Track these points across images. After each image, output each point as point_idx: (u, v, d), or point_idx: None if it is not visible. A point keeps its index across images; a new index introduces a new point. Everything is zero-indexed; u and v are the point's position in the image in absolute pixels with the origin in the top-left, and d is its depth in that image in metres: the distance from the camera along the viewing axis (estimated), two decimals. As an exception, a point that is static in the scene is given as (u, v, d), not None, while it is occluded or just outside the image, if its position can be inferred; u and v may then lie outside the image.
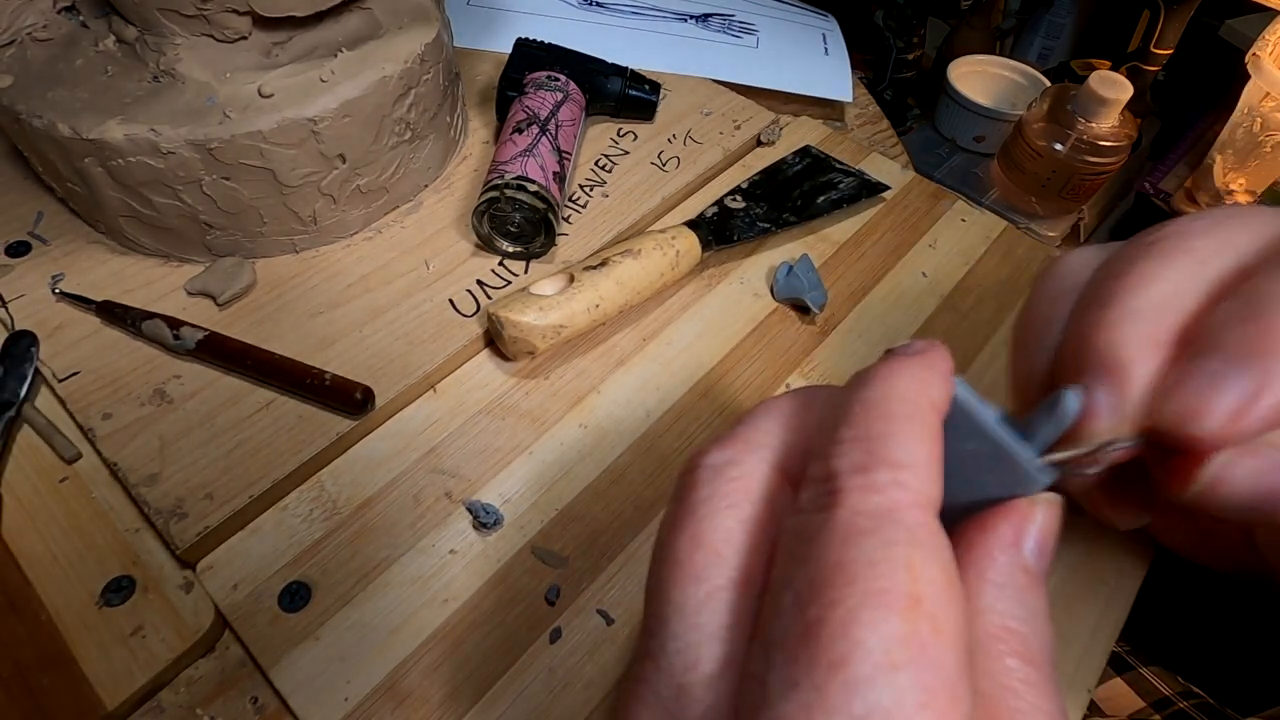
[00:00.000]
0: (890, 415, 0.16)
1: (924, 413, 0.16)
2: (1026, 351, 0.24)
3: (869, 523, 0.14)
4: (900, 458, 0.15)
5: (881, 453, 0.15)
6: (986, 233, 0.45)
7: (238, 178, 0.35)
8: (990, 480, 0.17)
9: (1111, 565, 0.32)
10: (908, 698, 0.13)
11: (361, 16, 0.39)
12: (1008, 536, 0.16)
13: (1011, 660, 0.15)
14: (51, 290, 0.37)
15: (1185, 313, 0.19)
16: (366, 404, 0.33)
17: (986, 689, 0.15)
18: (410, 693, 0.28)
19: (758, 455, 0.18)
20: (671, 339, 0.39)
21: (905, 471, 0.15)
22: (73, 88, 0.35)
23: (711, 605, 0.16)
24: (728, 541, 0.17)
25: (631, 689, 0.17)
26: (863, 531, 0.14)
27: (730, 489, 0.17)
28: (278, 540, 0.31)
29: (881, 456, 0.15)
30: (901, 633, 0.13)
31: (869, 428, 0.16)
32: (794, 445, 0.18)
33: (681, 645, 0.16)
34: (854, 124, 0.57)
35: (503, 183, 0.38)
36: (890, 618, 0.13)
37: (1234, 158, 0.72)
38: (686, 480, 0.18)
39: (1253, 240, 0.20)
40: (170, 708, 0.28)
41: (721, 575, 0.16)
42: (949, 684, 0.13)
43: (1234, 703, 0.40)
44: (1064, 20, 0.98)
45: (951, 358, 0.17)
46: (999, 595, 0.16)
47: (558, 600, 0.30)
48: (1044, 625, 0.16)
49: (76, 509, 0.31)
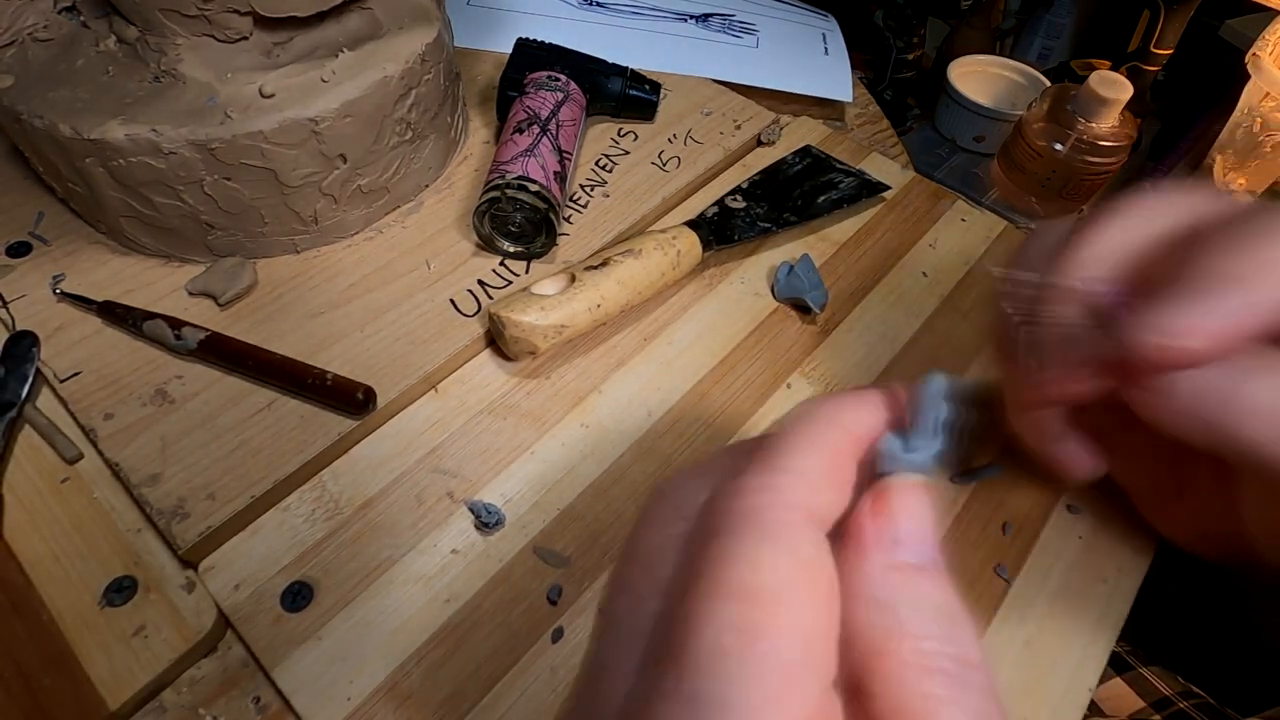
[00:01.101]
0: (789, 429, 0.17)
1: (827, 431, 0.17)
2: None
3: (729, 522, 0.15)
4: (779, 463, 0.16)
5: (763, 461, 0.16)
6: (987, 233, 0.45)
7: (239, 178, 0.35)
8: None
9: (1112, 564, 0.32)
10: (734, 682, 0.13)
11: (362, 17, 0.39)
12: (873, 537, 0.16)
13: (909, 671, 0.14)
14: (52, 290, 0.37)
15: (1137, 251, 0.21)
16: (368, 404, 0.33)
17: (898, 704, 0.14)
18: (412, 692, 0.28)
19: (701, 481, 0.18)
20: (672, 339, 0.39)
21: (780, 476, 0.16)
22: (74, 88, 0.35)
23: (633, 614, 0.16)
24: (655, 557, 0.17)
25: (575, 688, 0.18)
26: (720, 532, 0.15)
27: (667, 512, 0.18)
28: (279, 540, 0.31)
29: (762, 464, 0.16)
30: (734, 620, 0.13)
31: (772, 443, 0.17)
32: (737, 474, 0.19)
33: (605, 655, 0.17)
34: (854, 124, 0.57)
35: (504, 183, 0.38)
36: (725, 607, 0.14)
37: (1234, 158, 0.72)
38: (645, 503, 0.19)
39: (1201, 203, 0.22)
40: (172, 708, 0.28)
41: (646, 588, 0.17)
42: (784, 669, 0.13)
43: (1234, 703, 0.40)
44: (1064, 20, 0.98)
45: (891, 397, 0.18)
46: (875, 605, 0.15)
47: (559, 600, 0.30)
48: (942, 615, 0.15)
49: (78, 509, 0.31)
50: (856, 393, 0.18)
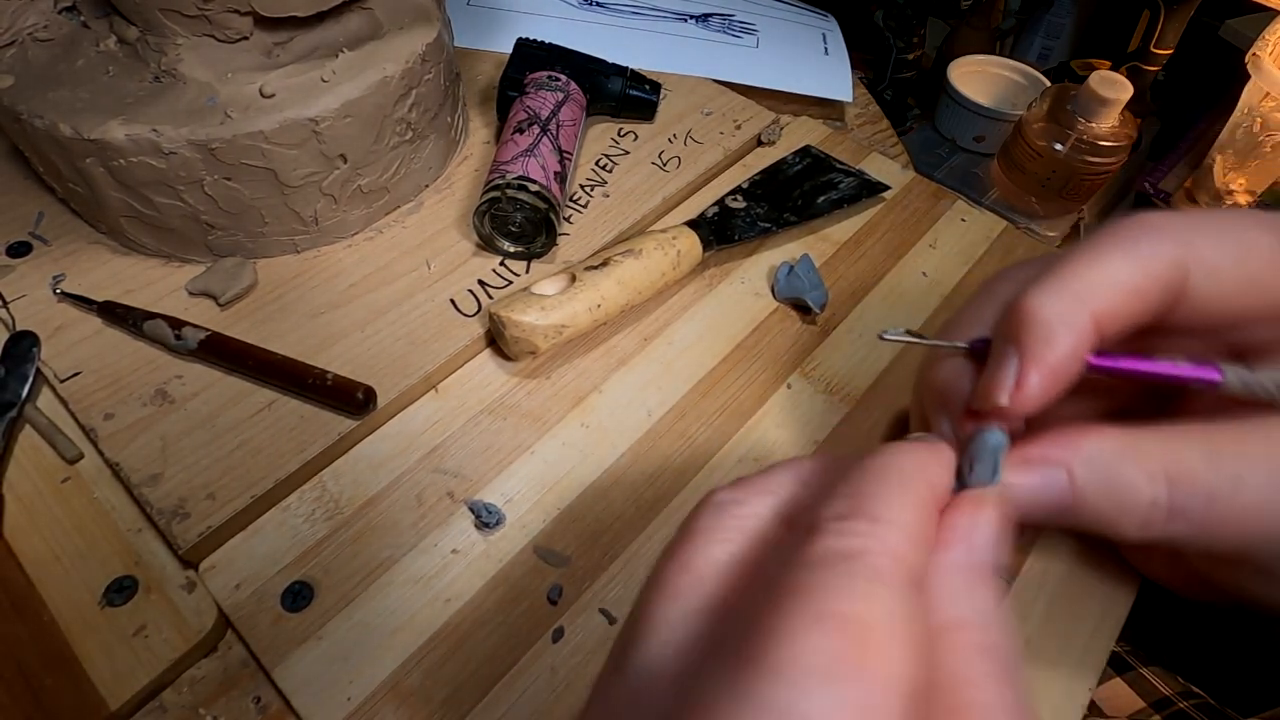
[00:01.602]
0: (882, 480, 0.17)
1: (916, 485, 0.17)
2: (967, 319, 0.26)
3: (836, 558, 0.15)
4: (880, 513, 0.16)
5: (864, 507, 0.16)
6: (987, 232, 0.45)
7: (239, 178, 0.35)
8: None
9: (1111, 564, 0.32)
10: (833, 712, 0.13)
11: (362, 17, 0.39)
12: (957, 533, 0.17)
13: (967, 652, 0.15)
14: (53, 290, 0.37)
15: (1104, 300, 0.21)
16: (368, 404, 0.33)
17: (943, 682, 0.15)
18: (413, 692, 0.28)
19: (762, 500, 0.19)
20: (673, 339, 0.39)
21: (882, 526, 0.16)
22: (74, 88, 0.35)
23: (682, 624, 0.17)
24: (712, 570, 0.17)
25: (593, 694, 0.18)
26: (827, 564, 0.15)
27: (728, 524, 0.18)
28: (280, 540, 0.31)
29: (863, 510, 0.16)
30: (841, 652, 0.14)
31: (861, 486, 0.17)
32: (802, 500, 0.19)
33: (648, 657, 0.17)
34: (854, 124, 0.57)
35: (504, 183, 0.38)
36: (833, 637, 0.14)
37: (1234, 158, 0.72)
38: (693, 513, 0.19)
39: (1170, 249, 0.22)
40: (173, 708, 0.28)
41: (699, 599, 0.17)
42: (880, 714, 0.13)
43: (1234, 703, 0.40)
44: (1064, 20, 0.98)
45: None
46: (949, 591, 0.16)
47: (560, 599, 0.30)
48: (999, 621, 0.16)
49: (78, 509, 0.31)
50: (932, 447, 0.19)
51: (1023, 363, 0.21)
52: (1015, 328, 0.22)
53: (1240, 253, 0.21)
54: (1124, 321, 0.21)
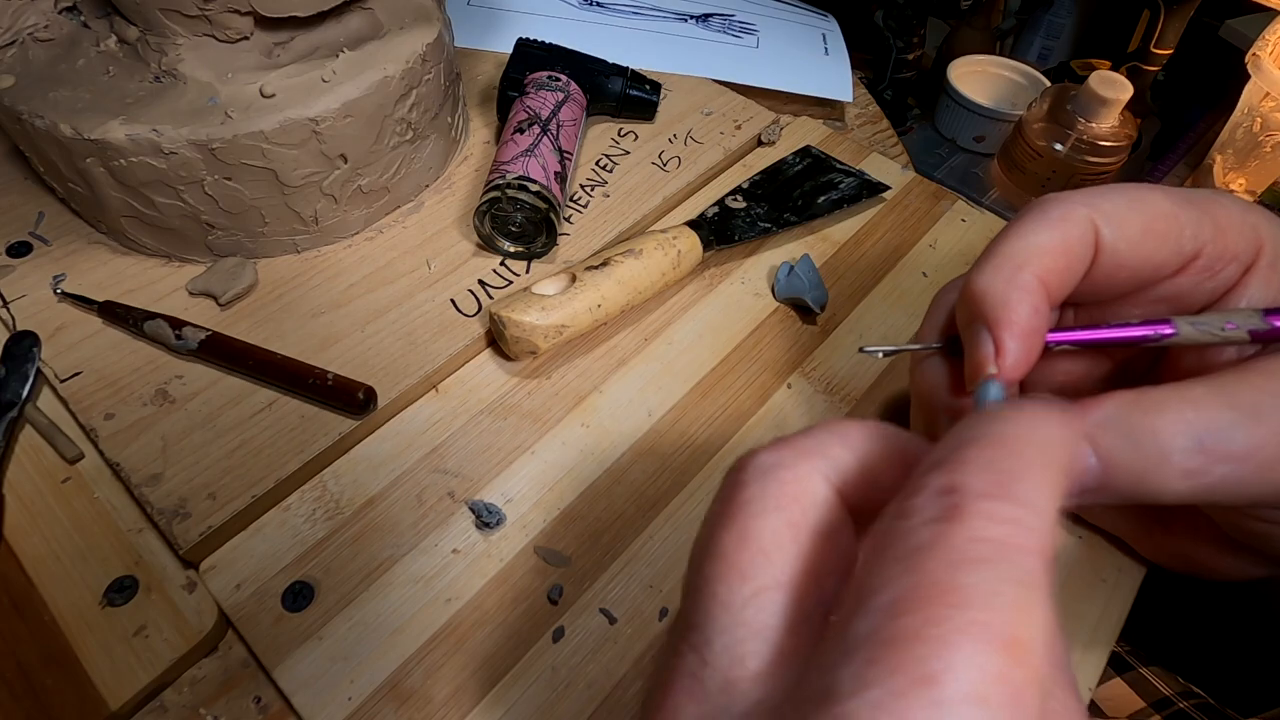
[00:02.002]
0: (1025, 456, 0.15)
1: (1057, 467, 0.16)
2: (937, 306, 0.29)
3: (988, 551, 0.14)
4: (1028, 498, 0.15)
5: (1011, 487, 0.15)
6: (987, 233, 0.45)
7: (239, 178, 0.35)
8: None
9: (1111, 564, 0.32)
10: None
11: (363, 17, 0.39)
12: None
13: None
14: (53, 290, 0.37)
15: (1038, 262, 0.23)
16: (369, 404, 0.33)
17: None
18: (413, 692, 0.28)
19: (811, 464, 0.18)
20: (673, 339, 0.39)
21: (1031, 514, 0.15)
22: (74, 88, 0.35)
23: (758, 603, 0.16)
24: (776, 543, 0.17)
25: (673, 679, 0.17)
26: (980, 559, 0.14)
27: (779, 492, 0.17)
28: (280, 540, 0.31)
29: (1011, 491, 0.15)
30: (1000, 672, 0.13)
31: (1002, 460, 0.15)
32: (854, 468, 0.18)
33: (729, 640, 0.16)
34: (854, 124, 0.57)
35: (504, 183, 0.38)
36: (991, 654, 0.13)
37: (1234, 158, 0.72)
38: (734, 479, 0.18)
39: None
40: (173, 708, 0.28)
41: (769, 576, 0.16)
42: None
43: (1234, 703, 0.40)
44: (1064, 20, 0.98)
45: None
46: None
47: (560, 599, 0.30)
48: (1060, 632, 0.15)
49: (79, 509, 0.31)
50: (1064, 416, 0.17)
51: (995, 332, 0.23)
52: (976, 308, 0.24)
53: (1137, 204, 0.24)
54: (1060, 278, 0.24)
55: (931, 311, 0.29)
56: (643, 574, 0.31)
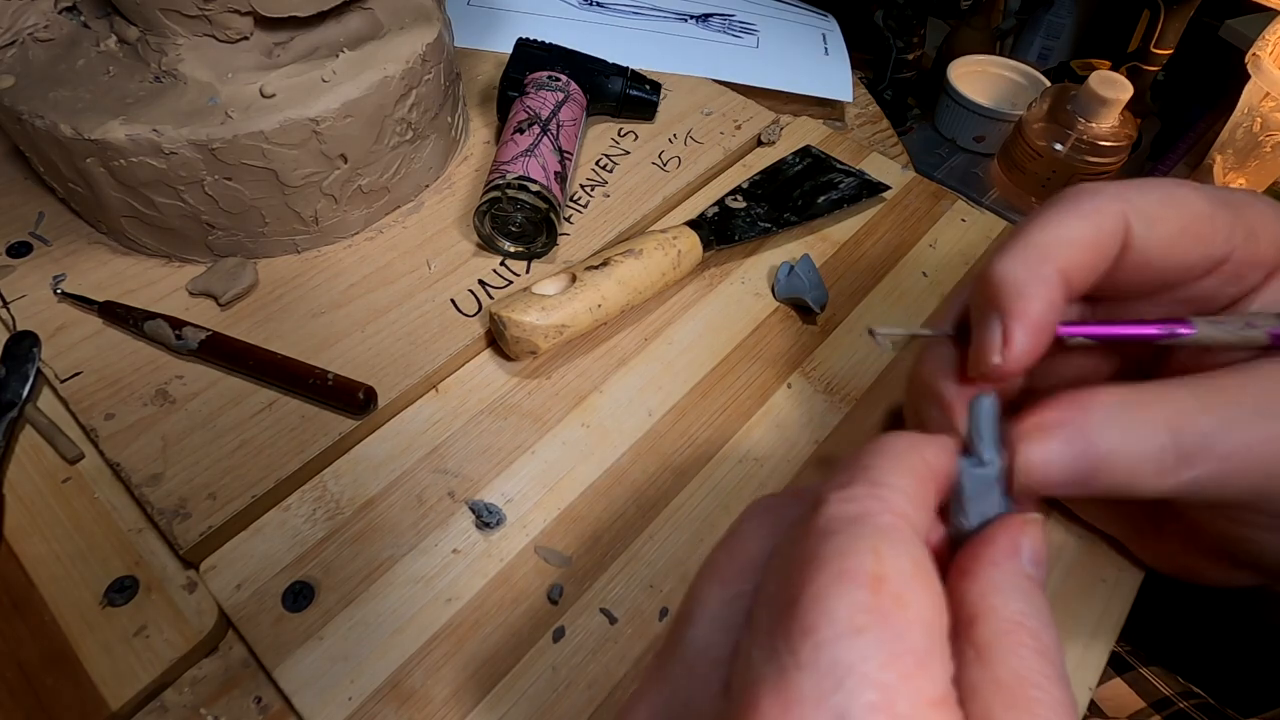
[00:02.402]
0: (879, 452, 0.19)
1: (911, 458, 0.19)
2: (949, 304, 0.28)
3: (841, 523, 0.17)
4: (879, 479, 0.18)
5: (863, 475, 0.18)
6: (987, 233, 0.45)
7: (240, 178, 0.35)
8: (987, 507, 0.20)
9: (1111, 564, 0.32)
10: (871, 656, 0.14)
11: (363, 17, 0.39)
12: (1007, 546, 0.18)
13: (1027, 653, 0.16)
14: (53, 291, 0.37)
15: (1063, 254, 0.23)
16: (369, 404, 0.33)
17: (1006, 679, 0.16)
18: (414, 692, 0.28)
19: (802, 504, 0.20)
20: (673, 339, 0.39)
21: (882, 489, 0.17)
22: (74, 88, 0.35)
23: (732, 606, 0.18)
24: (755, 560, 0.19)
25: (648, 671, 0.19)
26: (835, 530, 0.16)
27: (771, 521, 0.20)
28: (281, 540, 0.31)
29: (862, 478, 0.18)
30: (865, 603, 0.15)
31: (859, 460, 0.19)
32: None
33: (699, 634, 0.18)
34: (854, 124, 0.57)
35: (504, 183, 0.38)
36: (855, 591, 0.15)
37: (1234, 158, 0.72)
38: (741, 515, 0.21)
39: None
40: (174, 708, 0.28)
41: (748, 583, 0.19)
42: (915, 652, 0.15)
43: (1234, 703, 0.40)
44: (1064, 20, 0.98)
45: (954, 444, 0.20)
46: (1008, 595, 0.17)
47: (561, 599, 0.30)
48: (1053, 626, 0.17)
49: (79, 509, 0.31)
50: (931, 435, 0.20)
51: (1006, 321, 0.23)
52: (992, 294, 0.23)
53: (1172, 203, 0.23)
54: (1084, 273, 0.23)
55: (948, 301, 0.28)
56: (643, 574, 0.31)
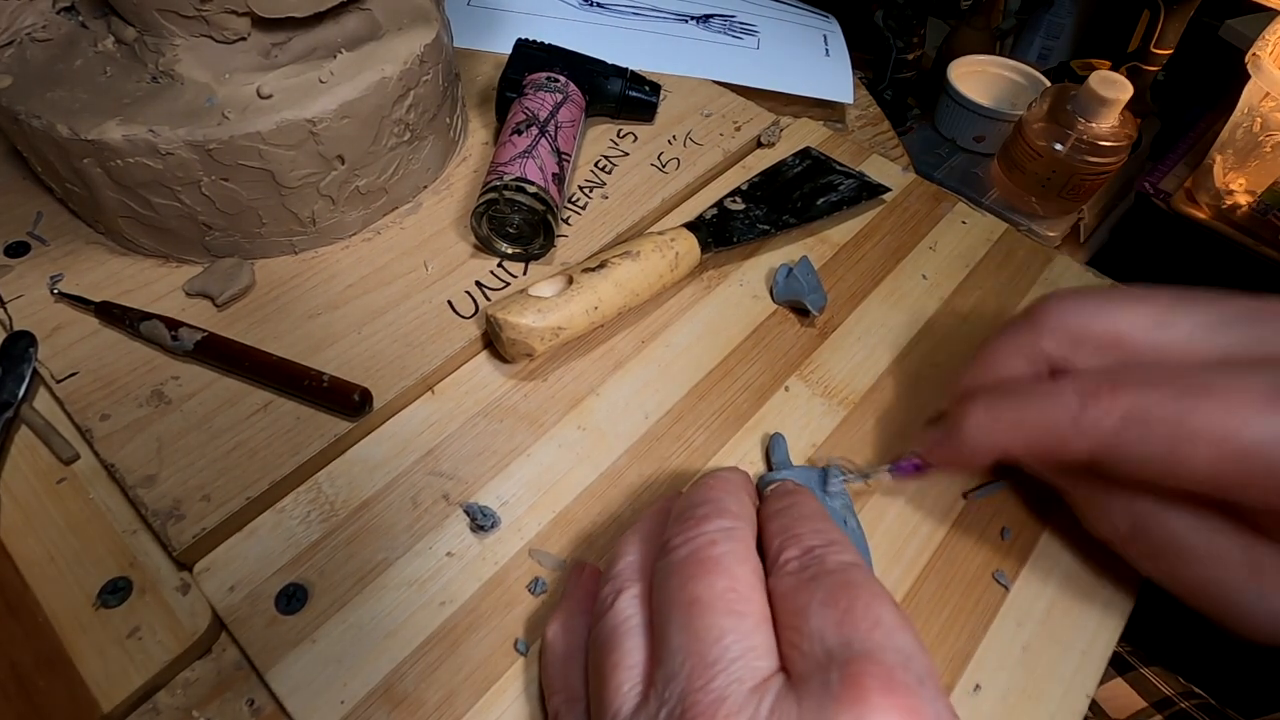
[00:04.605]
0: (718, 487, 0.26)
1: (736, 484, 0.27)
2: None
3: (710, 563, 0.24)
4: (728, 509, 0.25)
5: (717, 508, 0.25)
6: (987, 235, 0.45)
7: (236, 179, 0.35)
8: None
9: (1112, 566, 0.32)
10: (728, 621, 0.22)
11: (361, 17, 0.39)
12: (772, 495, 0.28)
13: (786, 519, 0.25)
14: (50, 291, 0.37)
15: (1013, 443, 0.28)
16: (364, 406, 0.33)
17: (775, 530, 0.25)
18: (406, 696, 0.28)
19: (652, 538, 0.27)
20: (670, 341, 0.39)
21: (729, 520, 0.25)
22: (72, 88, 0.35)
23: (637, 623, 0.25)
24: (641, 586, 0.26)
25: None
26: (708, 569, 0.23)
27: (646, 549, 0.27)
28: (275, 542, 0.31)
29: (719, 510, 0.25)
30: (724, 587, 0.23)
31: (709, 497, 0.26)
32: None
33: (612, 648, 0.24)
34: (854, 125, 0.57)
35: (501, 184, 0.37)
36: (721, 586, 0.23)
37: (1234, 158, 0.72)
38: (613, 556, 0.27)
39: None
40: (166, 710, 0.28)
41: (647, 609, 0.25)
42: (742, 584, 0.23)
43: (1235, 703, 0.40)
44: (1064, 20, 0.98)
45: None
46: (770, 506, 0.27)
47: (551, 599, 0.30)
48: (812, 499, 0.27)
49: (74, 510, 0.31)
50: (734, 469, 0.28)
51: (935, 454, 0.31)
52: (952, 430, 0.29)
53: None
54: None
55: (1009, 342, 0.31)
56: (639, 577, 0.31)
